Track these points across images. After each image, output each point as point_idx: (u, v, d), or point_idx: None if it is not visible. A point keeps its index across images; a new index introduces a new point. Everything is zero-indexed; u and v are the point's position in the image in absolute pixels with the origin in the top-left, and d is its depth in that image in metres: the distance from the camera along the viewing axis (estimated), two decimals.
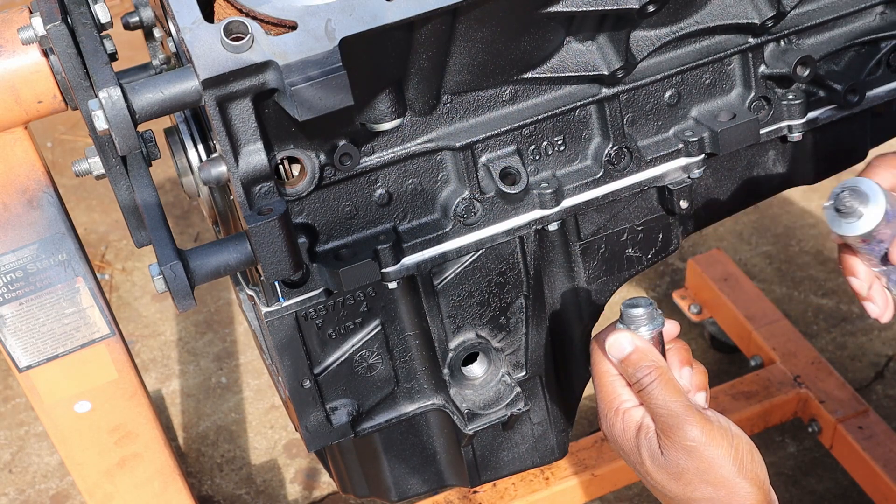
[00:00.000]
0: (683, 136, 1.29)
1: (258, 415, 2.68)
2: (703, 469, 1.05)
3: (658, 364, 1.09)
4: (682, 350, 1.15)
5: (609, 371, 1.13)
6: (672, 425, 1.06)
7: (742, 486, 1.05)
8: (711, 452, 1.05)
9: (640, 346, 1.10)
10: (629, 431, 1.10)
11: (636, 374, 1.09)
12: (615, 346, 1.11)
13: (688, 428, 1.05)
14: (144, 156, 1.21)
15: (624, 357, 1.10)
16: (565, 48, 1.21)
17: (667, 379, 1.08)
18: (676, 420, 1.06)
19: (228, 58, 1.00)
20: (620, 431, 1.11)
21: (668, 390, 1.07)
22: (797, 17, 1.30)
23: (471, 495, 2.12)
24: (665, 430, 1.07)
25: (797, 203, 3.08)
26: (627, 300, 1.12)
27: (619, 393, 1.12)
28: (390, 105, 1.14)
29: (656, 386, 1.07)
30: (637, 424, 1.10)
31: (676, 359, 1.13)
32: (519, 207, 1.26)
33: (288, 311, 1.23)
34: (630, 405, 1.11)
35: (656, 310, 1.11)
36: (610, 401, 1.12)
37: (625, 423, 1.10)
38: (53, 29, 1.15)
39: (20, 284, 1.37)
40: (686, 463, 1.06)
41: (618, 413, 1.11)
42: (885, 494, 2.12)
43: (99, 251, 3.20)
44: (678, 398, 1.07)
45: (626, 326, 1.11)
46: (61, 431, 1.52)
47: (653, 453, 1.08)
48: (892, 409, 2.50)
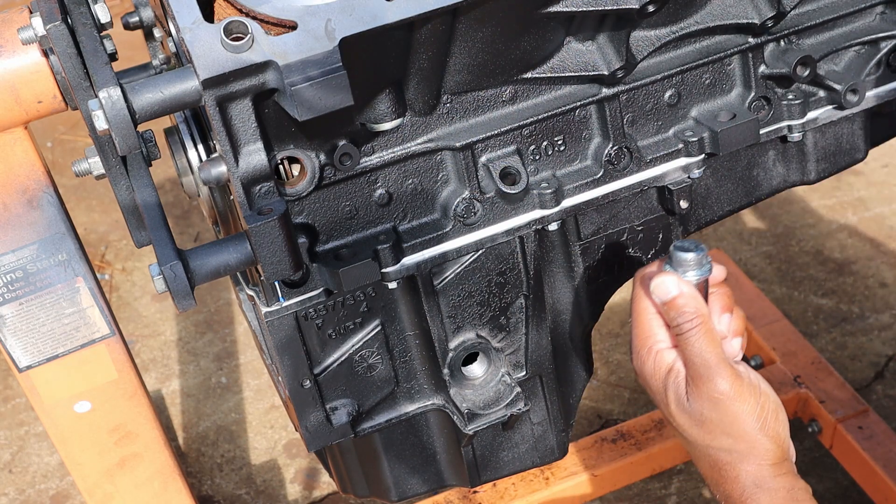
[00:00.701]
0: (683, 136, 1.29)
1: (258, 415, 2.68)
2: (726, 422, 1.08)
3: (701, 312, 1.10)
4: (725, 296, 1.16)
5: (648, 309, 1.14)
6: (703, 375, 1.08)
7: (762, 442, 1.08)
8: (737, 407, 1.08)
9: (685, 290, 1.10)
10: (659, 372, 1.12)
11: (678, 318, 1.10)
12: (661, 287, 1.11)
13: (718, 380, 1.07)
14: (144, 156, 1.21)
15: (668, 300, 1.11)
16: (565, 48, 1.21)
17: (707, 328, 1.09)
18: (708, 371, 1.08)
19: (228, 58, 1.00)
20: (650, 370, 1.13)
21: (706, 339, 1.08)
22: (797, 17, 1.30)
23: (471, 495, 2.12)
24: (695, 378, 1.09)
25: (797, 203, 3.08)
26: (678, 242, 1.12)
27: (655, 332, 1.13)
28: (390, 105, 1.14)
29: (695, 333, 1.09)
30: (668, 367, 1.12)
31: (718, 304, 1.14)
32: (519, 207, 1.26)
33: (288, 311, 1.23)
34: (664, 346, 1.13)
35: (706, 256, 1.11)
36: (645, 338, 1.14)
37: (656, 364, 1.12)
38: (53, 29, 1.15)
39: (20, 284, 1.37)
40: (710, 413, 1.08)
41: (650, 352, 1.13)
42: (885, 494, 2.12)
43: (99, 251, 3.20)
44: (714, 349, 1.08)
45: (674, 269, 1.11)
46: (61, 431, 1.52)
47: (679, 398, 1.10)
48: (892, 409, 2.50)
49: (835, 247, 2.93)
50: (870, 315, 2.73)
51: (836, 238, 2.96)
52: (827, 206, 3.06)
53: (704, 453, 1.12)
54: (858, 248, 2.92)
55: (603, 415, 2.59)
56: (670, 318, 1.11)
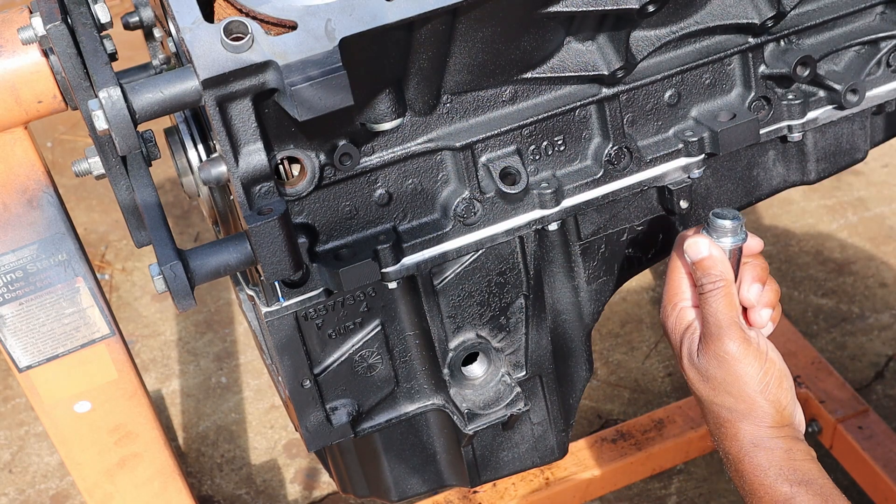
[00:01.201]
0: (683, 136, 1.29)
1: (258, 415, 2.68)
2: (728, 381, 1.14)
3: (724, 276, 1.15)
4: (759, 267, 1.20)
5: (681, 268, 1.20)
6: (714, 334, 1.14)
7: (761, 405, 1.14)
8: (740, 369, 1.13)
9: (714, 254, 1.15)
10: (679, 326, 1.19)
11: (703, 278, 1.15)
12: (693, 247, 1.16)
13: (727, 340, 1.13)
14: (144, 156, 1.21)
15: (697, 260, 1.16)
16: (565, 48, 1.21)
17: (727, 292, 1.14)
18: (719, 331, 1.14)
19: (228, 58, 1.00)
20: (672, 324, 1.20)
21: (724, 302, 1.14)
22: (797, 17, 1.30)
23: (471, 495, 2.12)
24: (707, 336, 1.15)
25: (797, 203, 3.08)
26: (717, 209, 1.17)
27: (683, 290, 1.20)
28: (390, 105, 1.14)
29: (715, 295, 1.14)
30: (687, 323, 1.18)
31: (751, 274, 1.19)
32: (519, 207, 1.26)
33: (288, 311, 1.23)
34: (687, 304, 1.19)
35: (742, 226, 1.16)
36: (672, 294, 1.20)
37: (678, 319, 1.19)
38: (53, 29, 1.15)
39: (20, 284, 1.37)
40: (715, 371, 1.14)
41: (675, 308, 1.20)
42: (885, 494, 2.12)
43: (99, 251, 3.20)
44: (729, 312, 1.14)
45: (710, 234, 1.16)
46: (61, 431, 1.52)
47: (690, 352, 1.17)
48: (892, 409, 2.50)
49: (835, 247, 2.93)
50: (870, 315, 2.73)
51: (836, 238, 2.96)
52: (827, 206, 3.06)
53: (709, 409, 1.18)
54: (858, 248, 2.92)
55: (603, 415, 2.59)
56: (696, 277, 1.16)
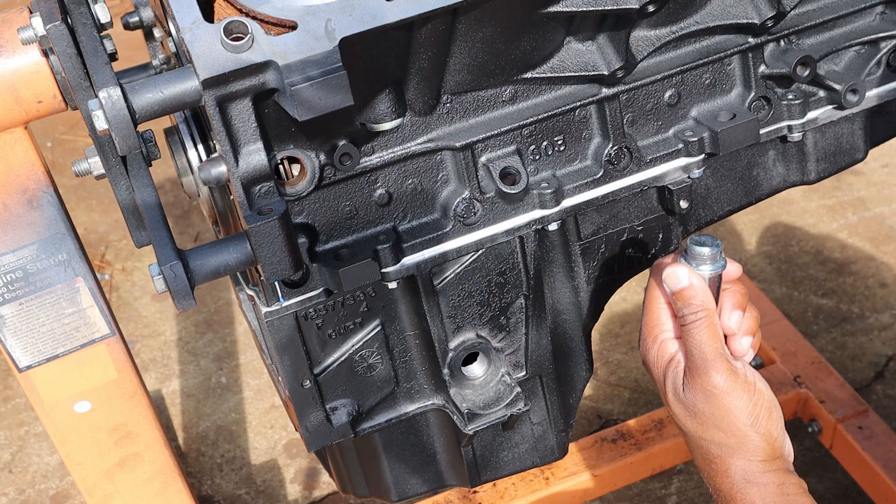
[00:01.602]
0: (683, 136, 1.29)
1: (258, 415, 2.68)
2: (717, 416, 1.10)
3: (706, 305, 1.12)
4: (739, 293, 1.17)
5: (658, 298, 1.16)
6: (699, 367, 1.10)
7: (752, 439, 1.10)
8: (729, 402, 1.09)
9: (694, 283, 1.12)
10: (661, 360, 1.15)
11: (683, 309, 1.12)
12: (672, 277, 1.13)
13: (713, 373, 1.09)
14: (144, 156, 1.21)
15: (677, 290, 1.13)
16: (565, 48, 1.21)
17: (710, 322, 1.11)
18: (705, 363, 1.10)
19: (228, 58, 1.00)
20: (654, 358, 1.16)
21: (707, 333, 1.11)
22: (797, 17, 1.30)
23: (471, 495, 2.12)
24: (692, 369, 1.11)
25: (797, 203, 3.08)
26: (695, 236, 1.14)
27: (663, 322, 1.16)
28: (390, 105, 1.14)
29: (698, 326, 1.11)
30: (670, 356, 1.14)
31: (731, 301, 1.16)
32: (519, 207, 1.26)
33: (288, 311, 1.23)
34: (668, 336, 1.15)
35: (721, 252, 1.14)
36: (652, 327, 1.16)
37: (659, 352, 1.15)
38: (53, 29, 1.15)
39: (20, 284, 1.37)
40: (703, 406, 1.11)
41: (655, 341, 1.16)
42: (885, 494, 2.12)
43: (99, 251, 3.20)
44: (713, 343, 1.11)
45: (688, 262, 1.13)
46: (61, 431, 1.52)
47: (675, 387, 1.13)
48: (892, 409, 2.50)
49: (835, 247, 2.93)
50: (870, 315, 2.73)
51: (836, 238, 2.96)
52: (827, 206, 3.06)
53: (697, 444, 1.14)
54: (858, 248, 2.92)
55: (603, 415, 2.59)
56: (677, 308, 1.13)
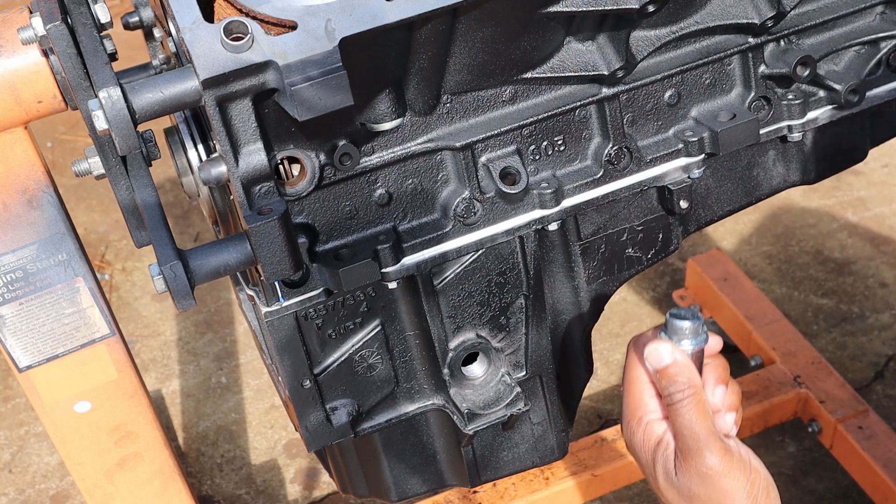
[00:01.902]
0: (683, 136, 1.29)
1: (258, 415, 2.68)
2: (714, 498, 1.04)
3: (693, 382, 1.06)
4: (721, 367, 1.12)
5: (640, 377, 1.10)
6: (692, 448, 1.04)
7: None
8: (726, 483, 1.04)
9: (678, 359, 1.07)
10: (648, 443, 1.09)
11: (669, 388, 1.06)
12: (654, 355, 1.08)
13: (707, 454, 1.04)
14: (144, 156, 1.21)
15: (661, 368, 1.07)
16: (565, 48, 1.21)
17: (698, 400, 1.06)
18: (697, 444, 1.04)
19: (228, 58, 1.00)
20: (640, 442, 1.10)
21: (696, 412, 1.05)
22: (797, 17, 1.30)
23: (471, 495, 2.12)
24: (684, 451, 1.05)
25: (797, 203, 3.08)
26: (674, 310, 1.09)
27: (646, 402, 1.10)
28: (390, 105, 1.14)
29: (686, 405, 1.05)
30: (657, 438, 1.08)
31: (713, 376, 1.11)
32: (519, 207, 1.26)
33: (288, 311, 1.23)
34: (654, 417, 1.09)
35: (703, 325, 1.09)
36: (635, 408, 1.10)
37: (645, 435, 1.09)
38: (53, 29, 1.15)
39: (20, 284, 1.37)
40: (699, 489, 1.04)
41: (640, 423, 1.10)
42: (885, 494, 2.12)
43: (99, 251, 3.20)
44: (704, 422, 1.05)
45: (669, 337, 1.08)
46: (61, 431, 1.52)
47: (667, 471, 1.07)
48: (892, 409, 2.50)
49: (835, 247, 2.93)
50: (870, 315, 2.73)
51: (836, 238, 2.96)
52: (827, 206, 3.06)
53: None
54: (858, 248, 2.92)
55: (603, 415, 2.59)
56: (662, 387, 1.07)
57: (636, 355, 1.11)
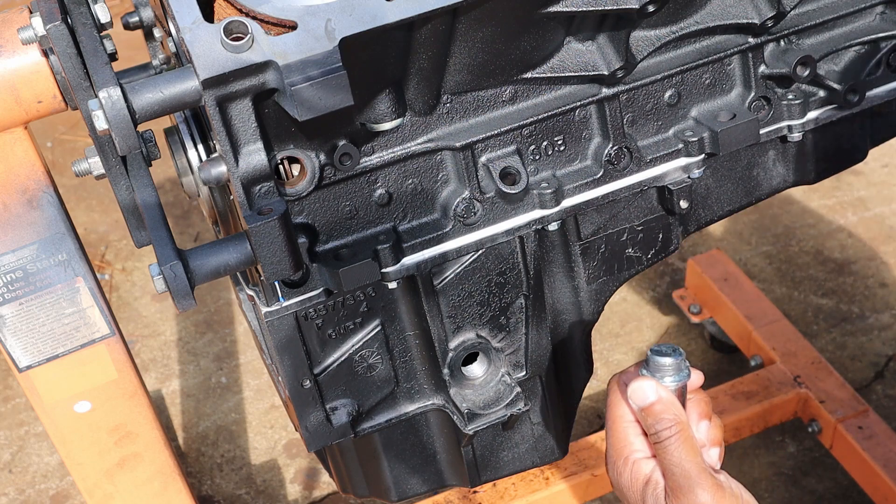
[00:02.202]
0: (683, 136, 1.29)
1: (258, 415, 2.68)
2: None
3: (679, 419, 1.05)
4: (703, 402, 1.11)
5: (624, 416, 1.09)
6: (683, 485, 1.03)
7: None
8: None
9: (663, 396, 1.06)
10: (636, 483, 1.07)
11: (656, 425, 1.05)
12: (638, 393, 1.07)
13: (699, 491, 1.02)
14: (144, 156, 1.21)
15: (646, 406, 1.06)
16: (565, 48, 1.21)
17: (686, 436, 1.05)
18: (689, 481, 1.03)
19: (228, 58, 1.00)
20: (627, 482, 1.08)
21: (685, 448, 1.04)
22: (797, 17, 1.30)
23: (471, 495, 2.12)
24: (675, 489, 1.04)
25: (797, 203, 3.08)
26: (655, 346, 1.08)
27: (632, 441, 1.09)
28: (390, 105, 1.14)
29: (674, 442, 1.04)
30: (646, 477, 1.07)
31: (696, 411, 1.10)
32: (519, 207, 1.26)
33: (288, 311, 1.23)
34: (641, 456, 1.08)
35: (685, 361, 1.08)
36: (620, 448, 1.09)
37: (633, 474, 1.07)
38: (53, 29, 1.15)
39: (20, 284, 1.37)
40: None
41: (627, 462, 1.08)
42: (885, 494, 2.12)
43: (99, 251, 3.20)
44: (694, 458, 1.04)
45: (651, 374, 1.08)
46: (61, 431, 1.52)
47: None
48: (892, 409, 2.50)
49: (835, 247, 2.93)
50: (870, 315, 2.73)
51: (836, 238, 2.96)
52: (827, 206, 3.06)
53: None
54: (858, 248, 2.92)
55: (603, 415, 2.59)
56: (647, 424, 1.06)
57: (618, 394, 1.10)
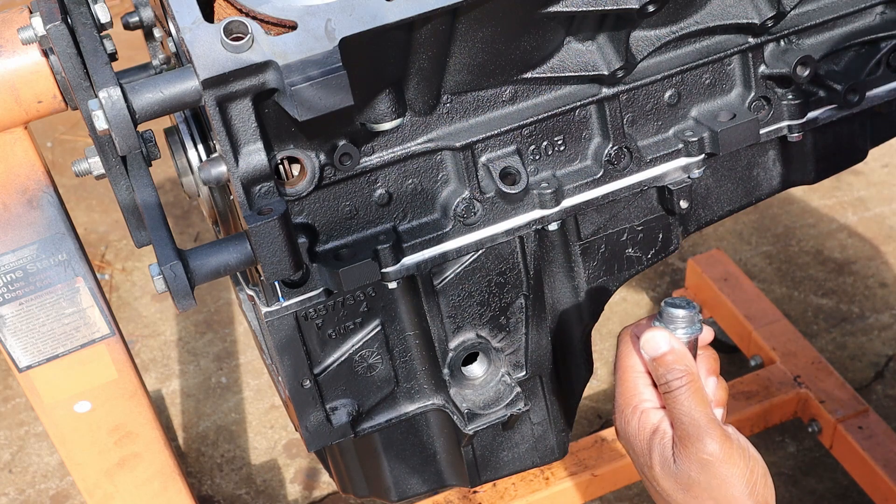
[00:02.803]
0: (683, 136, 1.29)
1: (258, 415, 2.68)
2: (714, 485, 1.03)
3: (690, 370, 1.05)
4: (712, 359, 1.11)
5: (635, 367, 1.10)
6: (692, 435, 1.03)
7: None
8: (726, 470, 1.03)
9: (676, 347, 1.06)
10: (644, 432, 1.07)
11: (667, 375, 1.05)
12: (650, 343, 1.07)
13: (707, 441, 1.03)
14: (144, 156, 1.21)
15: (658, 356, 1.06)
16: (565, 48, 1.21)
17: (696, 387, 1.05)
18: (697, 430, 1.03)
19: (228, 58, 1.00)
20: (634, 430, 1.08)
21: (695, 398, 1.04)
22: (797, 17, 1.30)
23: (471, 495, 2.12)
24: (683, 438, 1.04)
25: (797, 203, 3.08)
26: (669, 299, 1.09)
27: (641, 391, 1.09)
28: (390, 105, 1.14)
29: (684, 392, 1.04)
30: (653, 427, 1.07)
31: (705, 367, 1.10)
32: (519, 207, 1.26)
33: (288, 311, 1.23)
34: (650, 406, 1.08)
35: (698, 314, 1.09)
36: (630, 397, 1.09)
37: (640, 423, 1.08)
38: (53, 29, 1.15)
39: (20, 284, 1.37)
40: (698, 476, 1.03)
41: (635, 411, 1.08)
42: (885, 494, 2.12)
43: (99, 251, 3.20)
44: (704, 409, 1.04)
45: (665, 325, 1.08)
46: (61, 431, 1.52)
47: (665, 459, 1.05)
48: (892, 409, 2.50)
49: (835, 247, 2.93)
50: (870, 315, 2.73)
51: (836, 238, 2.96)
52: (827, 206, 3.06)
53: None
54: (858, 248, 2.92)
55: (603, 415, 2.59)
56: (658, 374, 1.07)
57: (629, 344, 1.10)
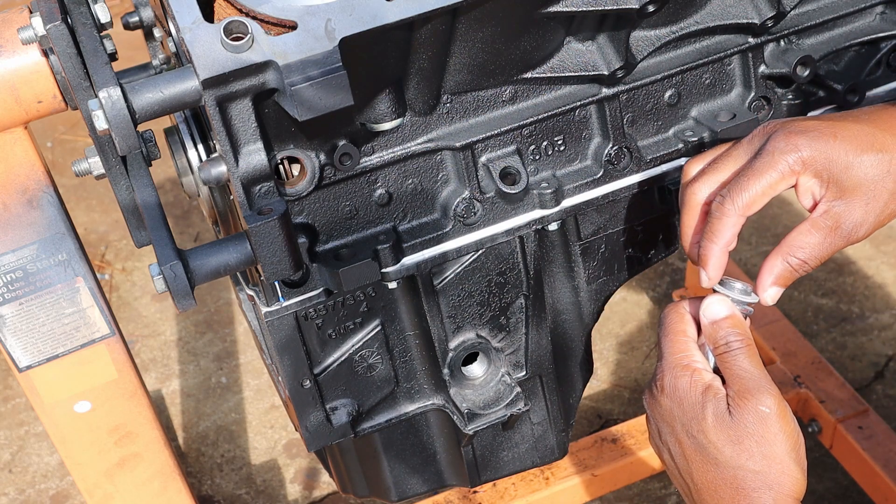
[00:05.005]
0: (683, 135, 1.30)
1: (258, 415, 2.68)
2: (767, 439, 1.05)
3: (747, 335, 1.10)
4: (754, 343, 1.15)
5: (686, 331, 1.13)
6: (751, 388, 1.06)
7: (793, 471, 1.05)
8: (779, 427, 1.05)
9: (736, 314, 1.12)
10: (696, 388, 1.09)
11: (727, 336, 1.09)
12: (713, 307, 1.12)
13: (766, 395, 1.05)
14: (144, 156, 1.21)
15: (719, 319, 1.11)
16: (565, 48, 1.21)
17: (753, 350, 1.09)
18: (757, 385, 1.06)
19: (228, 58, 1.00)
20: (686, 385, 1.09)
21: (753, 359, 1.08)
22: (797, 17, 1.30)
23: (471, 495, 2.12)
24: (742, 392, 1.06)
25: (797, 203, 3.08)
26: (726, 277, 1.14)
27: (692, 353, 1.12)
28: (390, 105, 1.14)
29: (744, 351, 1.08)
30: (706, 384, 1.09)
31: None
32: (519, 207, 1.26)
33: (288, 311, 1.23)
34: (701, 366, 1.11)
35: (752, 292, 1.14)
36: (681, 356, 1.11)
37: (693, 380, 1.09)
38: (53, 29, 1.15)
39: (20, 284, 1.37)
40: (753, 428, 1.05)
41: (688, 368, 1.10)
42: (885, 494, 2.12)
43: (99, 251, 3.20)
44: (761, 368, 1.08)
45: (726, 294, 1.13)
46: (61, 431, 1.52)
47: (719, 412, 1.07)
48: (892, 409, 2.50)
49: None
50: (870, 315, 2.73)
51: None
52: None
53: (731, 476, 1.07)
54: (858, 248, 2.92)
55: (603, 415, 2.59)
56: (718, 336, 1.10)
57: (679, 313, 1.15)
